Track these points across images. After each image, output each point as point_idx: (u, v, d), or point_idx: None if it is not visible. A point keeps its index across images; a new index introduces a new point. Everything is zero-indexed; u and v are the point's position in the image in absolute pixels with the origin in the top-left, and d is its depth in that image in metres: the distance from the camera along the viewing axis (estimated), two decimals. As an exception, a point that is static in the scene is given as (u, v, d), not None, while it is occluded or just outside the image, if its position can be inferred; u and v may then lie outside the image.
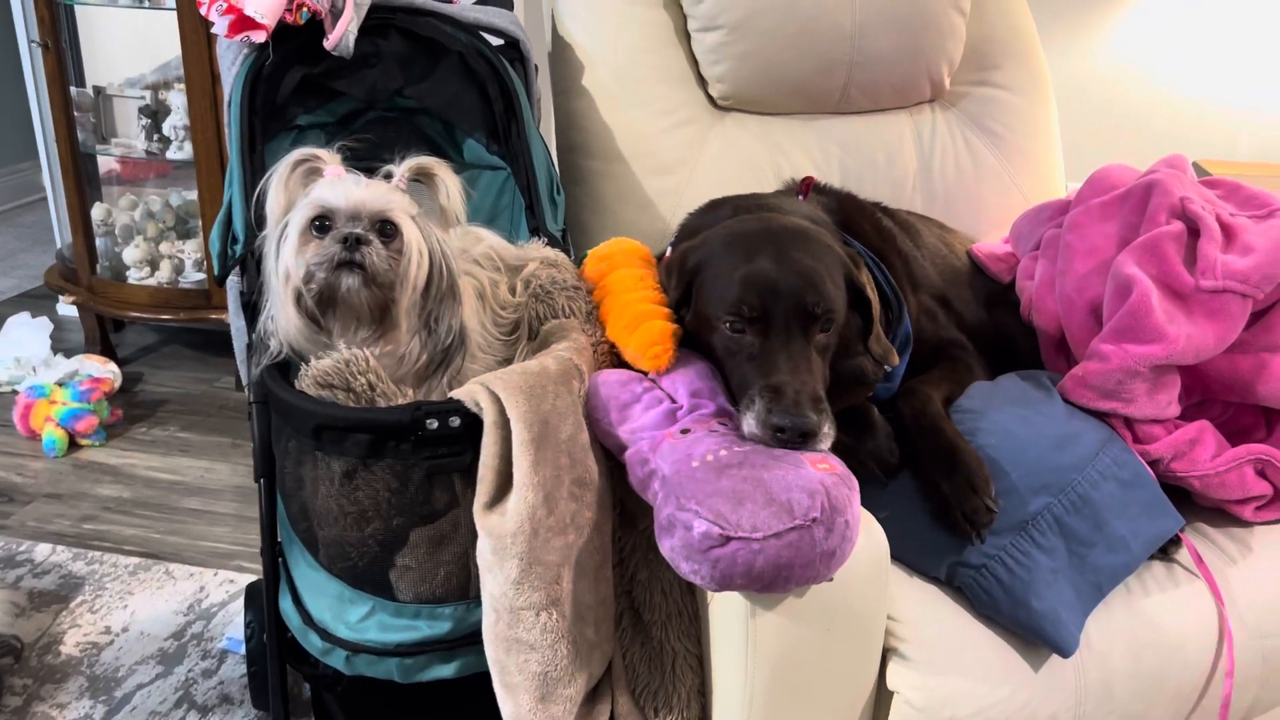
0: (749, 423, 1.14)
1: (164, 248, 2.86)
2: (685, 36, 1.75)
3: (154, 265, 2.85)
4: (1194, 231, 1.41)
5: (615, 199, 1.70)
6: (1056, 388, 1.37)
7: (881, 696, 1.23)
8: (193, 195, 3.03)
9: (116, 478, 2.44)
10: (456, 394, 1.14)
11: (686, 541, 1.03)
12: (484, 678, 1.19)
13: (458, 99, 1.56)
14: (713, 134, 1.75)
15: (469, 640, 1.20)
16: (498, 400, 1.12)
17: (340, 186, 1.21)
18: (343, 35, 1.47)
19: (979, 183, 1.84)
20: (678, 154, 1.71)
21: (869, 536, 1.17)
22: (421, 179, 1.28)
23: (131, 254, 2.83)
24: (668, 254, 1.38)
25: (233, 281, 1.63)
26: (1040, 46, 1.93)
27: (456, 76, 1.56)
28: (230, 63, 1.51)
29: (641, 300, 1.25)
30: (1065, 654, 1.21)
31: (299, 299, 1.20)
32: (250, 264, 1.40)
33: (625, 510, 1.25)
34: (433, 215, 1.30)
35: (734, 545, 1.01)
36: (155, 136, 2.72)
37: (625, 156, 1.69)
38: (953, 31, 1.80)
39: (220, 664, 1.87)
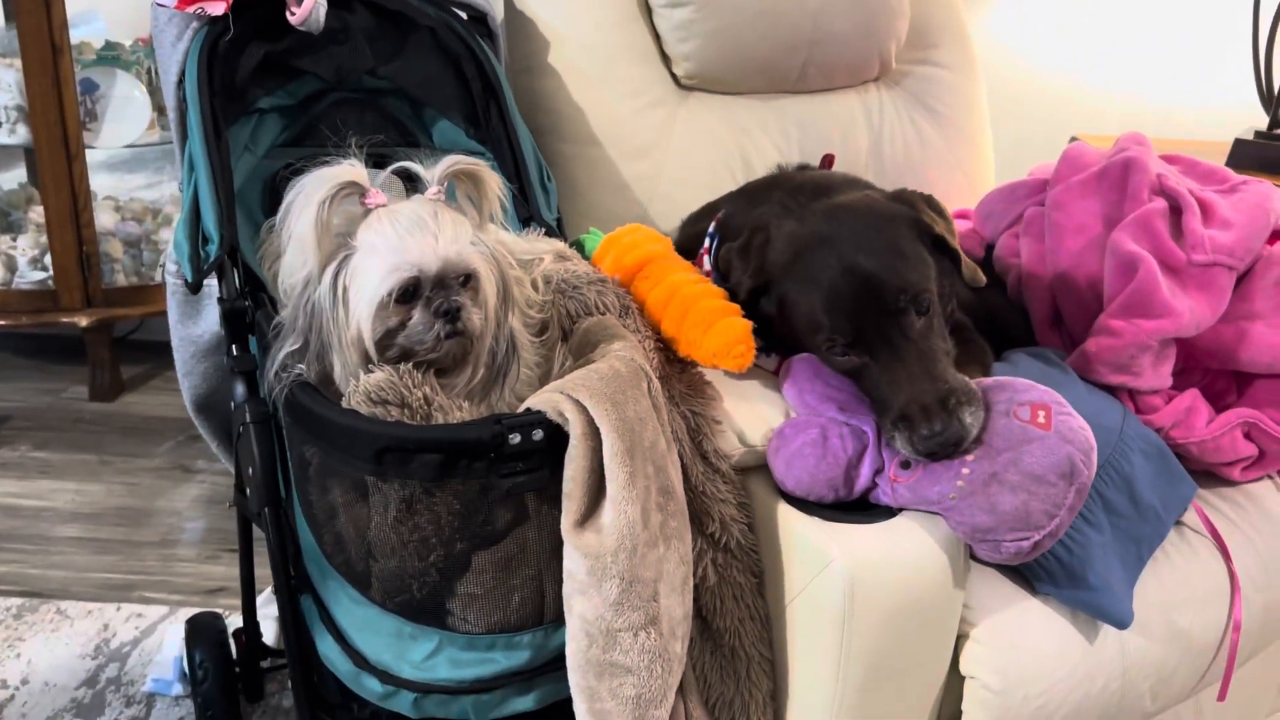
0: (902, 453, 1.14)
1: (-9, 244, 2.54)
2: (647, 12, 1.68)
3: (-19, 264, 2.52)
4: (1173, 208, 1.47)
5: (589, 184, 1.61)
6: (1067, 364, 1.41)
7: (951, 682, 1.23)
8: (13, 184, 2.71)
9: (-28, 509, 2.15)
10: (534, 404, 1.04)
11: (1003, 557, 1.12)
12: (561, 706, 1.11)
13: (433, 79, 1.44)
14: (680, 115, 1.69)
15: (548, 668, 1.11)
16: (583, 409, 1.03)
17: (419, 242, 1.04)
18: (312, 9, 1.32)
19: (924, 160, 1.87)
20: (650, 136, 1.64)
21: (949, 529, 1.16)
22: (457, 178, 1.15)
23: (-47, 253, 2.50)
24: (706, 246, 1.32)
25: (175, 285, 1.46)
26: (968, 24, 1.97)
27: (430, 54, 1.44)
28: (174, 38, 1.33)
29: (708, 294, 1.19)
30: (1123, 626, 1.24)
31: (366, 355, 1.08)
32: (229, 269, 1.24)
33: (691, 512, 1.19)
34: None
35: (1044, 539, 1.10)
36: (-18, 118, 2.40)
37: (598, 139, 1.60)
38: (901, 10, 1.81)
39: (149, 710, 1.68)
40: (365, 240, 1.06)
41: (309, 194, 1.05)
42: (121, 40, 2.53)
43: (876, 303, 1.16)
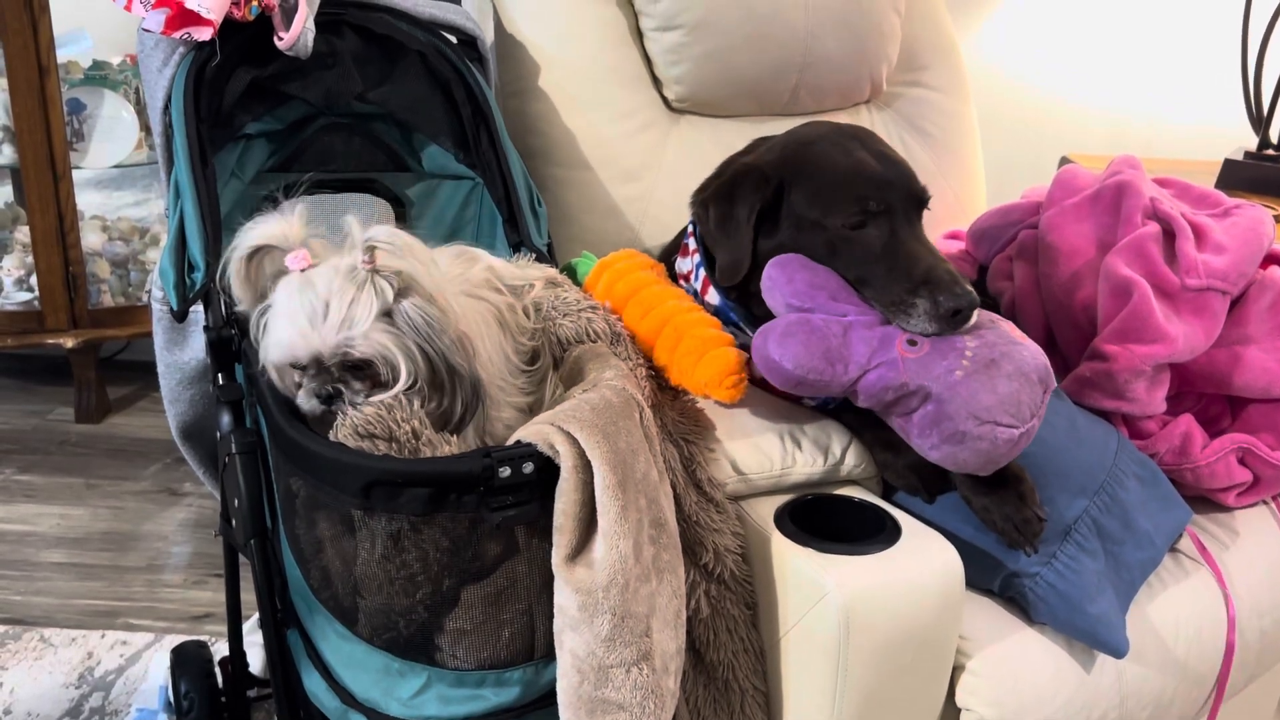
0: (918, 322, 1.16)
1: (-25, 265, 2.52)
2: (638, 36, 1.67)
3: (-34, 285, 2.50)
4: (1167, 232, 1.47)
5: (580, 208, 1.60)
6: (1061, 388, 1.40)
7: (946, 713, 1.21)
8: (-2, 204, 2.69)
9: (-46, 534, 2.13)
10: (525, 436, 1.03)
11: (989, 449, 1.11)
12: (552, 743, 1.09)
13: (422, 103, 1.43)
14: (671, 137, 1.68)
15: (538, 705, 1.09)
16: (574, 442, 1.02)
17: (293, 330, 1.03)
18: (300, 33, 1.31)
19: (916, 183, 1.86)
20: (641, 159, 1.64)
21: (945, 559, 1.15)
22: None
23: (-62, 274, 2.47)
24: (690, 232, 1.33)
25: (160, 311, 1.44)
26: (959, 46, 1.97)
27: (419, 78, 1.43)
28: (160, 64, 1.32)
29: (701, 323, 1.17)
30: (1119, 655, 1.23)
31: None
32: (216, 296, 1.22)
33: (684, 543, 1.17)
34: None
35: (1024, 435, 1.12)
36: (-34, 139, 2.38)
37: (589, 163, 1.59)
38: (891, 33, 1.80)
39: (134, 740, 1.66)
40: (275, 300, 1.05)
41: (238, 246, 1.05)
42: (109, 59, 2.52)
43: (905, 184, 1.23)
